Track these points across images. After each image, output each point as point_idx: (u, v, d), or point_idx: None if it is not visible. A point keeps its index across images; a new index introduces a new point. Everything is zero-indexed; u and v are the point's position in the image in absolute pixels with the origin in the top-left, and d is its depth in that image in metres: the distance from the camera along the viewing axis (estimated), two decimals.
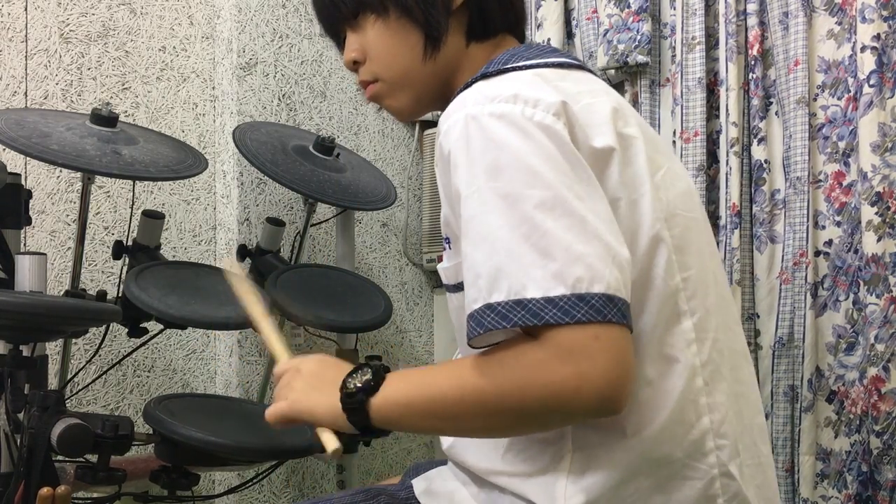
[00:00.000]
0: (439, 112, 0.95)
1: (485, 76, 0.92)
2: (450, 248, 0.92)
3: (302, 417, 0.92)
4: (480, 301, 0.79)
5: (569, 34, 2.20)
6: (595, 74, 0.98)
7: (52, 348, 1.81)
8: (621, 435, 0.84)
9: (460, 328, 0.96)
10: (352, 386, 0.87)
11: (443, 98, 1.01)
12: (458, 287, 0.92)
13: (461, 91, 0.91)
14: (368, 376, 0.86)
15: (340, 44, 1.07)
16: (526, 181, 0.79)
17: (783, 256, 1.78)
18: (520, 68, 0.91)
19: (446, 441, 0.99)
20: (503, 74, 0.91)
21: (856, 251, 1.70)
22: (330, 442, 0.89)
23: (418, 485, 1.03)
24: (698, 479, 0.86)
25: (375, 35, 1.01)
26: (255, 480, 1.79)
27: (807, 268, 1.73)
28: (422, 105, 1.05)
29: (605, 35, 2.01)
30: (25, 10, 1.93)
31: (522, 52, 0.95)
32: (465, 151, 0.83)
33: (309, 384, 0.92)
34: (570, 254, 0.77)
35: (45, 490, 1.20)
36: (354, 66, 1.04)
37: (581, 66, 0.97)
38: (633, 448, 0.84)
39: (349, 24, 1.03)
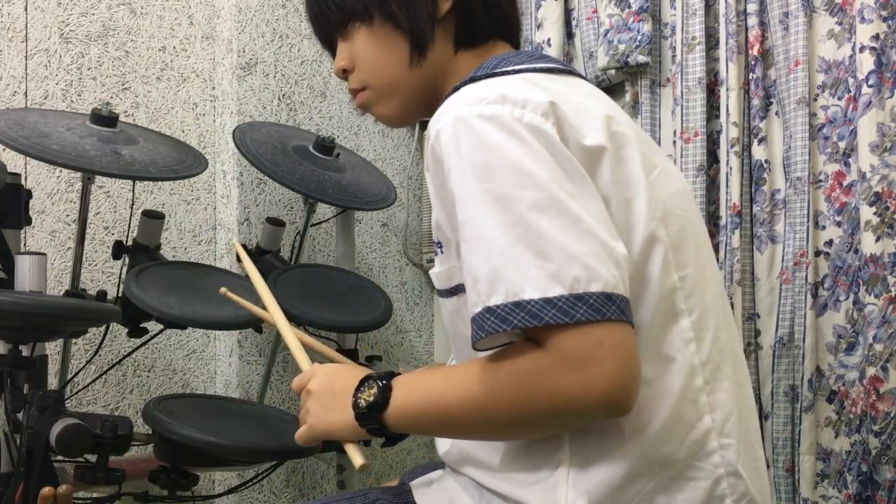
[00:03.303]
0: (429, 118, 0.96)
1: (473, 80, 0.92)
2: (441, 252, 0.92)
3: (325, 437, 0.94)
4: (480, 305, 0.79)
5: (569, 34, 2.20)
6: (586, 80, 0.99)
7: (52, 348, 1.81)
8: (619, 436, 0.84)
9: (454, 333, 0.96)
10: (363, 404, 0.88)
11: (431, 105, 1.01)
12: (451, 292, 0.92)
13: (449, 95, 0.91)
14: (375, 391, 0.87)
15: (334, 53, 1.08)
16: (518, 182, 0.79)
17: (783, 256, 1.78)
18: (508, 72, 0.92)
19: (443, 447, 0.99)
20: (491, 78, 0.91)
21: (856, 251, 1.70)
22: (357, 458, 0.91)
23: (417, 488, 1.03)
24: (703, 479, 0.85)
25: (362, 43, 1.02)
26: (255, 480, 1.79)
27: (807, 268, 1.72)
28: (410, 112, 1.05)
29: (605, 35, 2.01)
30: (25, 10, 1.93)
31: (511, 58, 0.95)
32: (456, 154, 0.83)
33: (321, 404, 0.93)
34: (566, 254, 0.77)
35: (46, 490, 1.20)
36: (344, 74, 1.05)
37: (571, 72, 0.97)
38: (632, 449, 0.84)
39: (339, 33, 1.04)
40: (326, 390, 0.94)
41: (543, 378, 0.77)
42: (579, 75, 0.99)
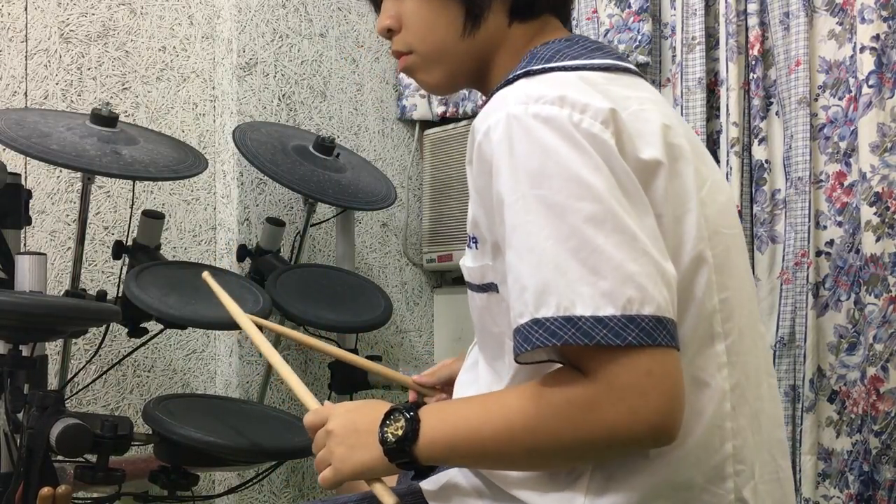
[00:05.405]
0: (462, 92, 0.92)
1: (527, 74, 0.87)
2: (476, 248, 0.89)
3: (354, 478, 0.89)
4: (527, 315, 0.76)
5: None
6: (643, 77, 0.94)
7: (52, 348, 1.81)
8: (644, 458, 0.81)
9: (481, 328, 0.93)
10: (391, 439, 0.84)
11: (478, 76, 0.98)
12: (483, 288, 0.89)
13: (500, 87, 0.87)
14: (402, 423, 0.84)
15: (377, 7, 1.02)
16: (575, 192, 0.76)
17: (784, 256, 1.78)
18: (565, 68, 0.87)
19: None
20: (547, 74, 0.87)
21: (857, 251, 1.70)
22: (387, 498, 0.87)
23: (428, 488, 0.99)
24: None
25: (414, 5, 0.96)
26: (255, 480, 1.79)
27: (808, 268, 1.72)
28: (456, 82, 1.01)
29: (605, 35, 2.01)
30: (25, 10, 1.93)
31: (566, 49, 0.90)
32: (509, 155, 0.79)
33: (346, 444, 0.89)
34: (620, 273, 0.74)
35: (45, 490, 1.20)
36: (388, 33, 0.99)
37: (627, 69, 0.92)
38: (654, 471, 0.82)
39: None
40: (349, 429, 0.89)
41: (588, 409, 0.75)
42: (636, 73, 0.94)
